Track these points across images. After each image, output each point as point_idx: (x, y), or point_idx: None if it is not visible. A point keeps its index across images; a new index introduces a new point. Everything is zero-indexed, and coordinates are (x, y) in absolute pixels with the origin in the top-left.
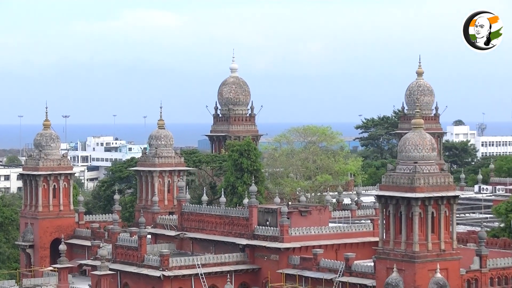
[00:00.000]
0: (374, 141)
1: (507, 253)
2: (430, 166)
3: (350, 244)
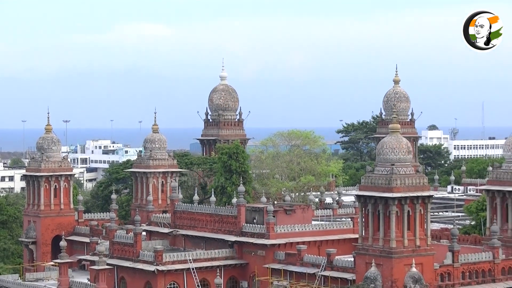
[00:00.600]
0: (354, 145)
1: (478, 249)
2: (406, 168)
3: (331, 241)
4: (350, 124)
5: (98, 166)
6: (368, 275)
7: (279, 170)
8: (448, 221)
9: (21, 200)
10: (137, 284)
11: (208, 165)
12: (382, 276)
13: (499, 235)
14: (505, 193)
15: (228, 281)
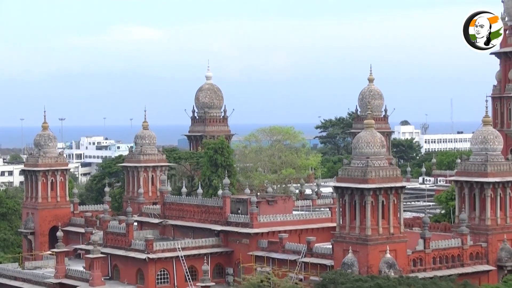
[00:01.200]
0: (332, 139)
1: (447, 236)
2: (380, 160)
3: (311, 229)
4: (327, 120)
5: (92, 161)
6: (346, 261)
7: (261, 163)
8: (420, 210)
9: (20, 193)
10: (129, 271)
11: (195, 160)
12: (358, 262)
13: (467, 223)
14: (473, 184)
15: (215, 268)
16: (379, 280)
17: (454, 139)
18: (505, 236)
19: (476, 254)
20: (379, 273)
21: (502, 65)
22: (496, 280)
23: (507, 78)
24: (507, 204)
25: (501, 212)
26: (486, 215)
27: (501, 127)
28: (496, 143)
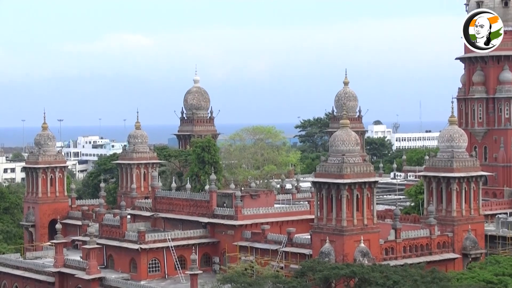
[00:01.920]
0: (310, 138)
1: (417, 226)
2: (355, 157)
3: (291, 221)
4: (306, 120)
5: (88, 159)
6: (323, 250)
7: (245, 160)
8: (391, 203)
9: (22, 189)
10: (123, 260)
11: (184, 157)
12: (335, 251)
13: (434, 215)
14: (440, 178)
15: (202, 257)
16: (354, 268)
17: (423, 137)
18: (469, 226)
19: (443, 243)
20: (354, 261)
21: (466, 69)
22: (462, 267)
23: (471, 81)
24: (471, 197)
25: (466, 205)
26: (452, 207)
27: (466, 126)
28: (461, 141)
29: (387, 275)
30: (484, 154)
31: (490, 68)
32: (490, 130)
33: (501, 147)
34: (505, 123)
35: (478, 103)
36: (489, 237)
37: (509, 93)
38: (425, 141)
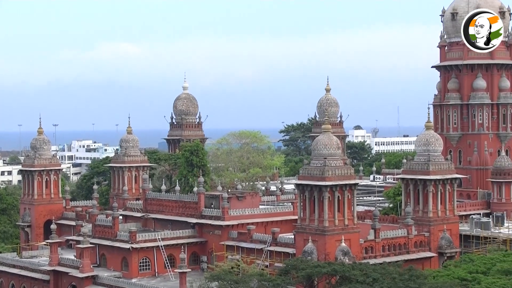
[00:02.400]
0: (293, 142)
1: (395, 226)
2: (336, 161)
3: (276, 222)
4: (290, 125)
5: (82, 162)
6: (306, 249)
7: (232, 163)
8: (371, 204)
9: (18, 190)
10: (115, 259)
11: (173, 160)
12: (317, 250)
13: (412, 215)
14: (417, 181)
15: (191, 256)
16: (335, 266)
17: (401, 141)
18: (445, 226)
19: (420, 243)
20: (335, 259)
21: (442, 77)
22: (437, 265)
23: (446, 88)
24: (446, 199)
25: (441, 206)
26: (429, 208)
27: (441, 131)
28: (437, 145)
29: (367, 273)
30: (459, 157)
31: (464, 76)
32: (464, 135)
33: (474, 151)
34: (479, 128)
35: (453, 109)
36: (463, 236)
37: (482, 99)
38: (403, 145)
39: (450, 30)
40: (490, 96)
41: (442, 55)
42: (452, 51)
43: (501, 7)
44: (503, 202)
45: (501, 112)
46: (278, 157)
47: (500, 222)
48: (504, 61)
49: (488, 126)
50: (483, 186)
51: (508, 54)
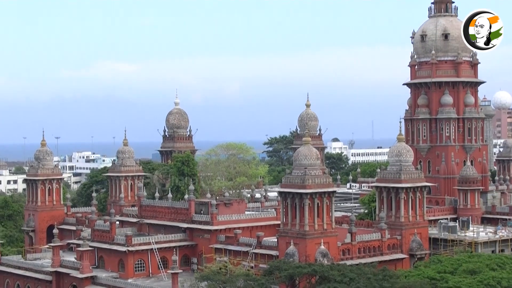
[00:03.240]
0: (277, 153)
1: (369, 230)
2: (316, 170)
3: (260, 226)
4: (273, 138)
5: (82, 172)
6: (288, 252)
7: (220, 173)
8: (348, 210)
9: (23, 198)
10: (113, 261)
11: (166, 170)
12: (298, 252)
13: (385, 220)
14: (390, 189)
15: (182, 258)
16: (315, 267)
17: (375, 152)
18: (415, 230)
19: (393, 245)
20: (315, 261)
21: (412, 94)
22: (409, 266)
23: (416, 104)
24: (417, 205)
25: (412, 211)
26: (400, 213)
27: (412, 143)
28: (408, 156)
29: (344, 273)
30: (428, 167)
31: (432, 93)
32: (433, 146)
33: (442, 161)
34: (446, 140)
35: (422, 123)
36: (432, 239)
37: (449, 114)
38: (377, 156)
39: (419, 50)
40: (456, 111)
41: (412, 73)
42: (421, 70)
43: None
44: (468, 208)
45: (467, 126)
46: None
47: (465, 226)
48: (469, 79)
49: (454, 139)
50: (450, 194)
51: (473, 73)
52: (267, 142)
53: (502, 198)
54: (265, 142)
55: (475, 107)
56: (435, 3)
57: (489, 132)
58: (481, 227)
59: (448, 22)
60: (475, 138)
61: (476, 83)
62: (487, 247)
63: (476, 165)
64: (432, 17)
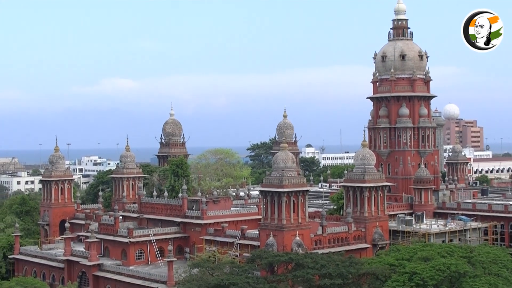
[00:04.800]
0: (258, 157)
1: (338, 224)
2: (292, 172)
3: (244, 220)
4: (255, 144)
5: (90, 174)
6: (268, 242)
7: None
8: (319, 206)
9: (39, 196)
10: (116, 251)
11: (162, 172)
12: (277, 243)
13: (351, 215)
14: (355, 188)
15: (176, 248)
16: (291, 255)
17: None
18: (377, 223)
19: (358, 236)
20: (291, 250)
21: (374, 106)
22: (372, 254)
23: (378, 115)
24: (378, 202)
25: (374, 207)
26: (365, 209)
27: (374, 148)
28: (371, 160)
29: (316, 261)
30: (388, 169)
31: (392, 105)
32: (392, 151)
33: (400, 164)
34: (403, 146)
35: (383, 131)
36: (392, 231)
37: (406, 124)
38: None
39: (380, 69)
40: (412, 121)
41: (374, 89)
42: (382, 86)
43: (420, 51)
44: (423, 204)
45: (421, 134)
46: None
47: (420, 220)
48: (422, 94)
49: (410, 145)
50: (407, 192)
51: (426, 88)
52: (250, 147)
53: (451, 196)
54: (248, 148)
55: (428, 118)
56: (394, 29)
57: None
58: (433, 220)
59: (405, 45)
60: (428, 144)
61: (429, 97)
62: (438, 237)
63: (429, 167)
64: (391, 40)
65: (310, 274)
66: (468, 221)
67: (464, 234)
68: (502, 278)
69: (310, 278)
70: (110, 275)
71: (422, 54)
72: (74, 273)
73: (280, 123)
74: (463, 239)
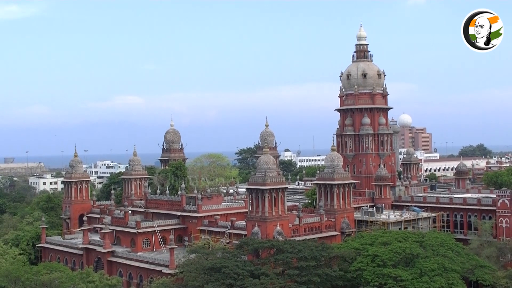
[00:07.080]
0: (245, 160)
1: (312, 215)
2: (273, 172)
3: (233, 213)
4: (242, 149)
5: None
6: (253, 231)
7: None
8: (296, 201)
9: (61, 195)
10: (126, 240)
11: (164, 173)
12: (261, 232)
13: (323, 208)
14: (326, 185)
15: (177, 237)
16: (273, 242)
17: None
18: (345, 214)
19: (329, 226)
20: (273, 238)
21: (341, 117)
22: (340, 240)
23: (344, 123)
24: (345, 196)
25: (342, 201)
26: (334, 202)
27: (342, 152)
28: (339, 162)
29: (294, 246)
30: (353, 169)
31: (356, 116)
32: (357, 154)
33: (363, 165)
34: (366, 150)
35: (349, 137)
36: (357, 221)
37: (367, 131)
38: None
39: (346, 86)
40: (372, 129)
41: (341, 102)
42: (348, 99)
43: (378, 71)
44: (382, 198)
45: (380, 139)
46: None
47: (380, 211)
48: (381, 106)
49: (372, 148)
50: (369, 188)
51: (384, 101)
52: (238, 152)
53: (405, 191)
54: (236, 152)
55: (386, 126)
56: (356, 52)
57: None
58: (391, 211)
59: (366, 66)
60: (386, 148)
61: (386, 109)
62: (395, 226)
63: (387, 167)
64: (355, 62)
65: (289, 257)
66: (420, 212)
67: (417, 222)
68: (448, 258)
69: (289, 261)
70: (121, 260)
71: (380, 73)
72: (91, 258)
73: (262, 131)
74: (416, 227)
